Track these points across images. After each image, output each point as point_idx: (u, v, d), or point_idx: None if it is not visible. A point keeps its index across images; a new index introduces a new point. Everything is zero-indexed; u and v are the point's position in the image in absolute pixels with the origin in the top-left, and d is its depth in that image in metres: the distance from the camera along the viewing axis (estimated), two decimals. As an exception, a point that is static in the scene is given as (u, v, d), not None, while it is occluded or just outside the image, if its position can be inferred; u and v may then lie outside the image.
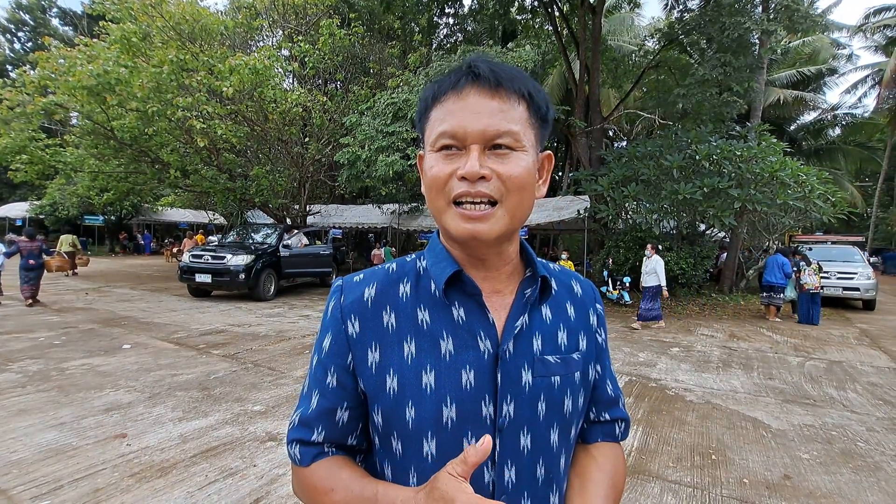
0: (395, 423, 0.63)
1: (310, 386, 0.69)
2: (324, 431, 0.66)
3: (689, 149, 9.58)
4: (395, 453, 0.64)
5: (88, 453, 3.08)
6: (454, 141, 0.61)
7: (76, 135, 12.78)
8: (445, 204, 0.62)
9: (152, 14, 10.51)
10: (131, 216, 25.21)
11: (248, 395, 4.29)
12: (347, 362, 0.66)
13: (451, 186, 0.61)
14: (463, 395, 0.62)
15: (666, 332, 7.87)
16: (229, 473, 2.89)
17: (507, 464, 0.63)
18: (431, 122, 0.64)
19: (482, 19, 14.72)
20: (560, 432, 0.67)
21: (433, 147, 0.63)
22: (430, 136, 0.64)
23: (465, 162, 0.60)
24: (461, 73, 0.63)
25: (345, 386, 0.66)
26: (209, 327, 7.32)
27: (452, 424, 0.61)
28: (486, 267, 0.67)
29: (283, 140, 13.36)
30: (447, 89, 0.63)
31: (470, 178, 0.59)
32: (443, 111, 0.62)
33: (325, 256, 12.62)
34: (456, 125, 0.60)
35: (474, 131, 0.60)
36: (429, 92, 0.66)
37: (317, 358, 0.69)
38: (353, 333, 0.66)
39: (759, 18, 10.10)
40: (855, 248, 12.82)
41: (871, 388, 5.06)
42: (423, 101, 0.66)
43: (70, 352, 5.57)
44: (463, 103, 0.61)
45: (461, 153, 0.61)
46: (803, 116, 24.66)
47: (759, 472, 3.11)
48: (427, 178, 0.63)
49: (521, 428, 0.64)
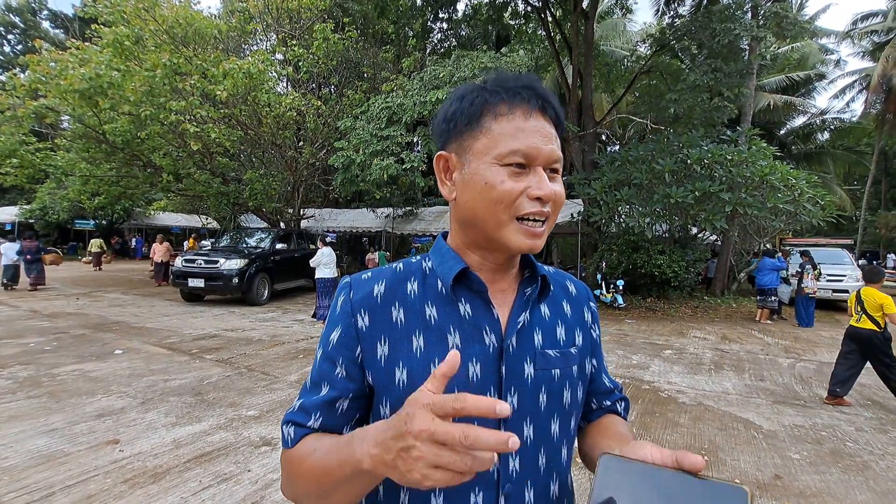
0: None
1: (314, 378, 0.70)
2: (321, 419, 0.67)
3: (681, 153, 9.67)
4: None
5: (80, 459, 3.06)
6: (525, 160, 0.64)
7: (67, 138, 12.68)
8: (508, 219, 0.64)
9: (145, 17, 10.47)
10: (123, 220, 24.99)
11: (241, 400, 4.28)
12: (356, 355, 0.68)
13: (520, 203, 0.64)
14: (469, 387, 0.65)
15: (659, 335, 7.93)
16: (223, 479, 2.88)
17: (512, 453, 0.66)
18: (494, 133, 0.65)
19: (476, 24, 14.84)
20: (560, 423, 0.71)
21: (500, 161, 0.64)
22: (492, 148, 0.64)
23: (535, 182, 0.64)
24: (530, 93, 0.66)
25: (352, 377, 0.68)
26: (202, 332, 7.28)
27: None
28: (497, 271, 0.72)
29: (277, 144, 13.33)
30: (515, 105, 0.65)
31: (546, 200, 0.64)
32: (512, 126, 0.64)
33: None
34: (531, 146, 0.64)
35: (544, 154, 0.65)
36: (481, 97, 0.67)
37: (322, 351, 0.70)
38: (363, 327, 0.68)
39: (749, 25, 10.24)
40: (844, 251, 13.00)
41: (860, 389, 5.12)
42: (474, 105, 0.67)
43: (61, 357, 5.52)
44: (534, 124, 0.65)
45: (526, 172, 0.64)
46: (793, 121, 24.95)
47: (750, 473, 3.15)
48: (495, 192, 0.63)
49: (524, 419, 0.67)
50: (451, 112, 0.69)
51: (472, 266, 0.70)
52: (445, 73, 10.35)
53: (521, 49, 14.58)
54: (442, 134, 0.71)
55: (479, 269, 0.71)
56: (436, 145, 0.74)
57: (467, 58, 10.71)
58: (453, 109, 0.69)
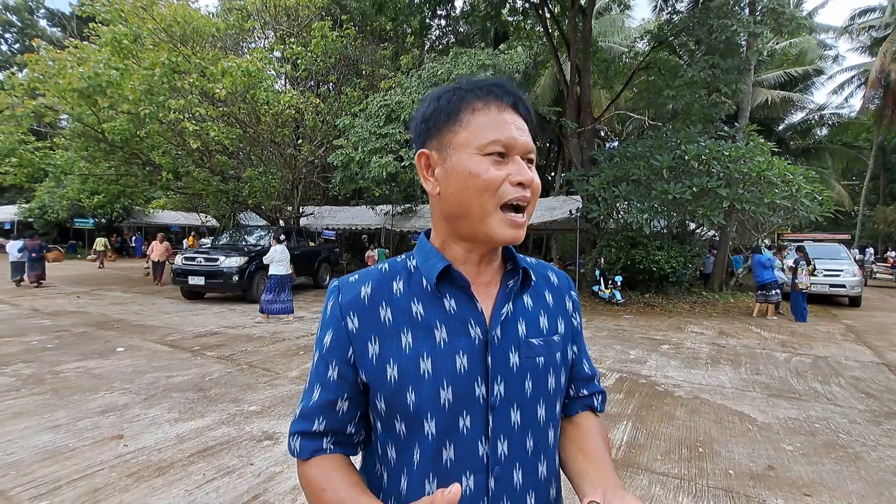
0: (397, 407, 0.69)
1: (311, 381, 0.75)
2: (325, 421, 0.72)
3: (679, 149, 9.72)
4: (398, 434, 0.70)
5: (85, 454, 3.10)
6: (504, 149, 0.68)
7: (66, 137, 12.70)
8: (494, 207, 0.67)
9: (143, 16, 10.49)
10: (122, 219, 25.00)
11: (243, 396, 4.32)
12: (348, 356, 0.72)
13: (504, 190, 0.67)
14: (457, 378, 0.68)
15: (657, 330, 7.99)
16: (227, 472, 2.93)
17: (500, 438, 0.70)
18: (473, 126, 0.68)
19: (474, 21, 14.81)
20: (546, 408, 0.75)
21: (482, 151, 0.67)
22: (472, 140, 0.68)
23: (516, 169, 0.68)
24: (502, 90, 0.71)
25: (346, 378, 0.72)
26: (203, 329, 7.32)
27: (449, 405, 0.68)
28: (480, 263, 0.75)
29: (276, 142, 13.35)
30: (490, 100, 0.70)
31: (527, 185, 0.68)
32: (489, 119, 0.68)
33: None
34: (509, 136, 0.68)
35: (521, 144, 0.69)
36: (457, 95, 0.71)
37: (318, 354, 0.75)
38: (353, 329, 0.71)
39: (746, 21, 10.27)
40: (841, 247, 13.04)
41: (855, 382, 5.18)
42: (451, 103, 0.71)
43: (63, 355, 5.56)
44: (508, 117, 0.69)
45: (505, 161, 0.68)
46: (791, 117, 25.01)
47: (744, 464, 3.20)
48: (479, 180, 0.66)
49: (511, 405, 0.71)
50: (430, 112, 0.73)
51: (457, 259, 0.73)
52: (444, 70, 10.36)
53: (519, 46, 14.56)
54: (421, 134, 0.74)
55: (464, 261, 0.73)
56: (413, 146, 0.77)
57: (465, 55, 10.72)
58: (431, 109, 0.73)
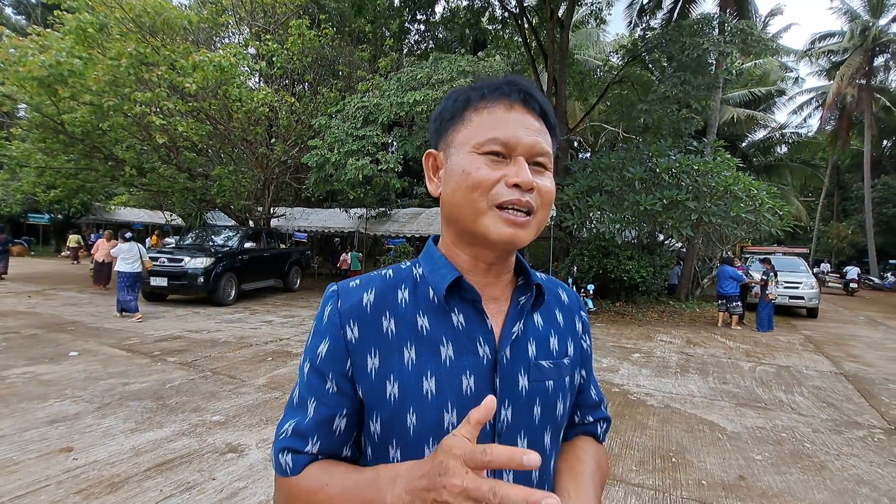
0: (395, 429, 0.62)
1: (302, 395, 0.66)
2: (319, 442, 0.63)
3: (650, 162, 9.95)
4: (391, 462, 0.63)
5: (31, 468, 2.88)
6: (503, 149, 0.63)
7: (23, 128, 12.01)
8: (487, 206, 0.62)
9: (111, 4, 10.04)
10: (80, 215, 23.85)
11: (206, 405, 4.12)
12: (346, 368, 0.64)
13: (497, 191, 0.62)
14: (463, 401, 0.62)
15: (627, 338, 8.11)
16: (186, 488, 2.76)
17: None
18: (475, 124, 0.65)
19: (454, 27, 14.85)
20: (552, 435, 0.69)
21: (478, 149, 0.63)
22: (471, 138, 0.64)
23: (514, 170, 0.62)
24: (511, 88, 0.66)
25: (344, 392, 0.64)
26: (165, 333, 7.01)
27: (453, 429, 0.61)
28: (489, 274, 0.69)
29: (248, 140, 12.99)
30: (496, 98, 0.65)
31: (524, 187, 0.62)
32: (492, 117, 0.64)
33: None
34: (510, 134, 0.63)
35: (525, 144, 0.63)
36: (465, 95, 0.68)
37: (310, 365, 0.66)
38: (353, 339, 0.64)
39: (717, 40, 10.64)
40: (800, 259, 13.62)
41: (816, 392, 5.36)
42: (458, 102, 0.68)
43: (11, 359, 5.20)
44: (515, 116, 0.64)
45: (506, 161, 0.63)
46: (754, 134, 26.10)
47: (716, 474, 3.24)
48: (470, 179, 0.62)
49: (518, 432, 0.65)
50: (440, 112, 0.71)
51: (464, 267, 0.68)
52: (423, 74, 10.31)
53: (497, 54, 14.69)
54: (433, 135, 0.72)
55: (472, 270, 0.68)
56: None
57: (445, 60, 10.70)
58: (441, 109, 0.70)
